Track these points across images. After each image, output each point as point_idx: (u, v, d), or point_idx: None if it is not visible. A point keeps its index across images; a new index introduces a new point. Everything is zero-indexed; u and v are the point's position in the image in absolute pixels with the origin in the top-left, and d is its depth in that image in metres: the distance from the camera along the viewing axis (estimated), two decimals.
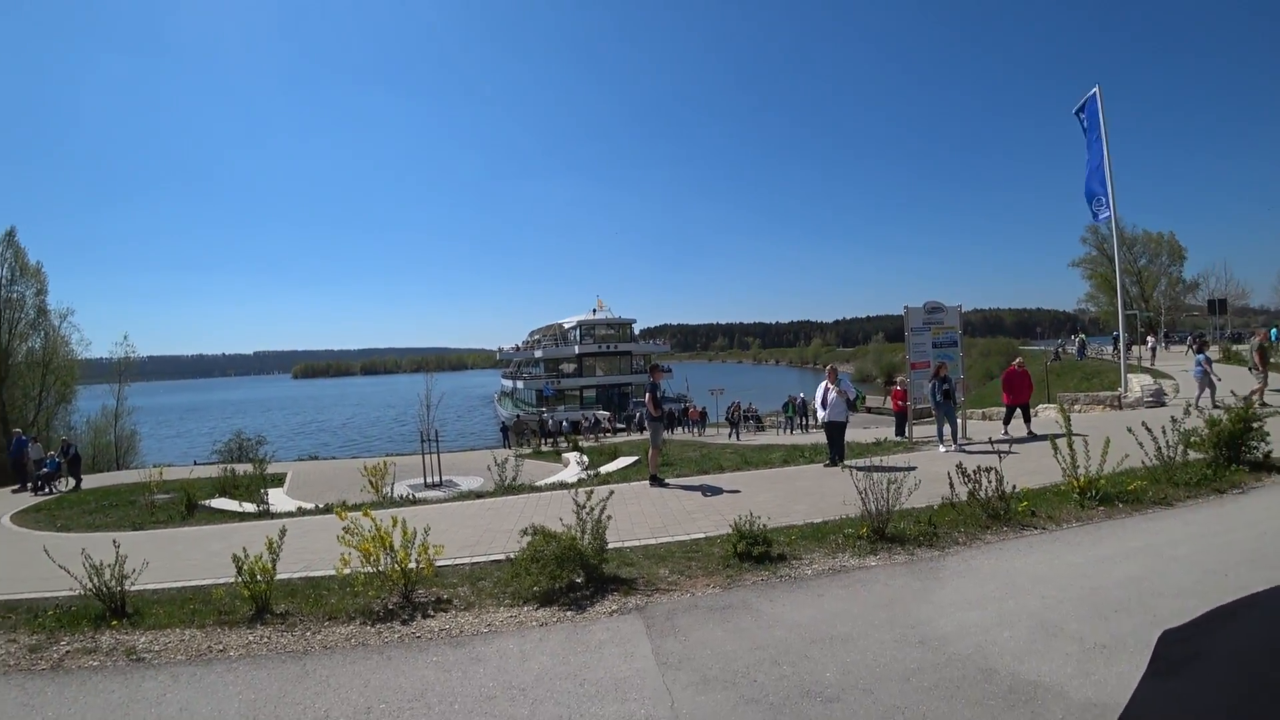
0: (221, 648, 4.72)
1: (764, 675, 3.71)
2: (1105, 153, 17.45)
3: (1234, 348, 29.75)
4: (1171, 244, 53.07)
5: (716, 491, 9.12)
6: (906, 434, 14.18)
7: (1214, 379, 14.54)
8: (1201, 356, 14.80)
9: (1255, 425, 8.13)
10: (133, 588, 5.66)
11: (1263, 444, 8.16)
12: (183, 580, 6.58)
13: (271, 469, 19.28)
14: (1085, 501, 6.92)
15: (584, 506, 5.55)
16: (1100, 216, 18.63)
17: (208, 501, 14.17)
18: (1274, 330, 26.90)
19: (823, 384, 10.80)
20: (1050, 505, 6.91)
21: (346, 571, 5.33)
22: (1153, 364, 26.17)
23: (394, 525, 5.35)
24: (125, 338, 39.07)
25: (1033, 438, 11.95)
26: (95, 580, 5.34)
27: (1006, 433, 12.46)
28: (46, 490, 17.37)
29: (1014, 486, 6.75)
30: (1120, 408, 16.91)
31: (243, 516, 12.07)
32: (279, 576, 6.04)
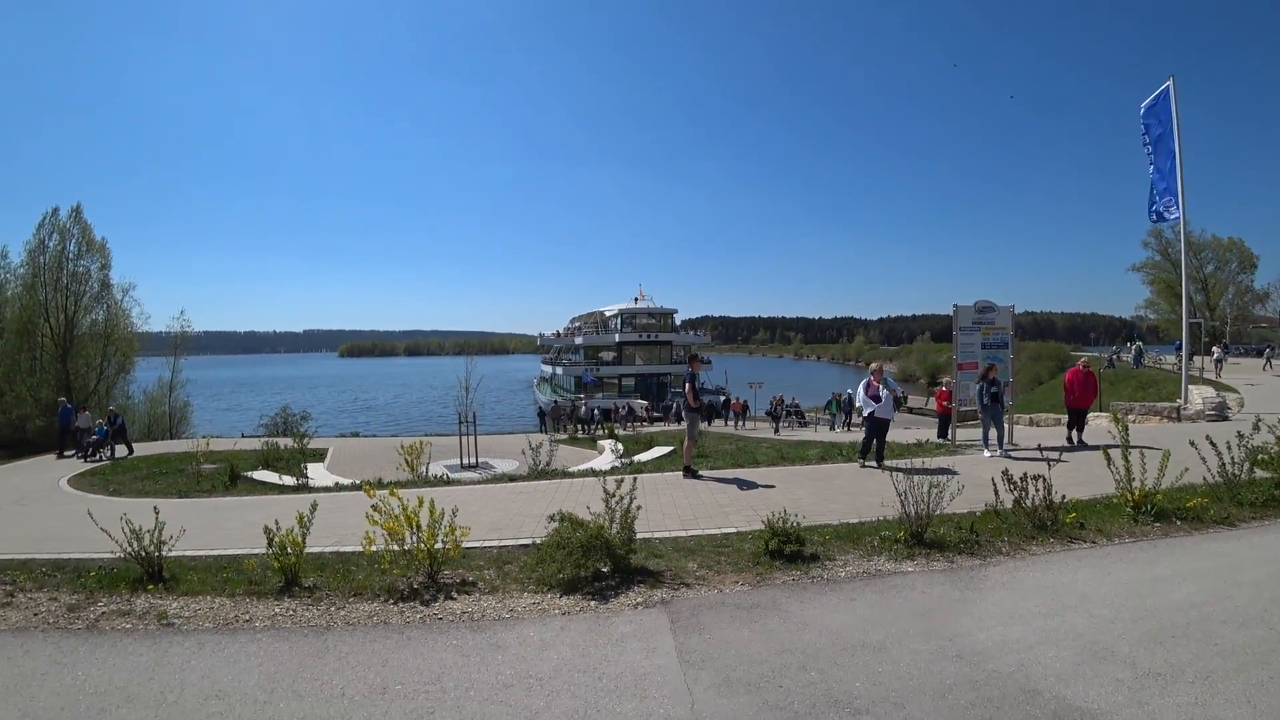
0: (248, 618, 4.77)
1: (790, 681, 3.55)
2: (1178, 150, 16.58)
3: None
4: (1241, 250, 50.52)
5: (750, 486, 8.94)
6: (950, 437, 13.74)
7: None
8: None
9: None
10: (171, 553, 5.79)
11: None
12: (219, 549, 6.73)
13: (314, 444, 19.82)
14: (1139, 516, 6.54)
15: (613, 495, 5.45)
16: (1169, 218, 17.74)
17: (250, 473, 14.60)
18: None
19: (868, 380, 10.48)
20: (1101, 518, 6.56)
21: (372, 549, 5.34)
22: (1218, 376, 24.93)
23: (420, 505, 5.33)
24: (182, 313, 40.38)
25: (1082, 446, 11.44)
26: (135, 545, 5.47)
27: (1071, 439, 11.89)
28: (96, 457, 17.83)
29: (1063, 496, 6.42)
30: (1179, 419, 16.14)
31: (282, 489, 12.38)
32: (310, 550, 6.13)
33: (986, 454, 10.85)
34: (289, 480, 13.42)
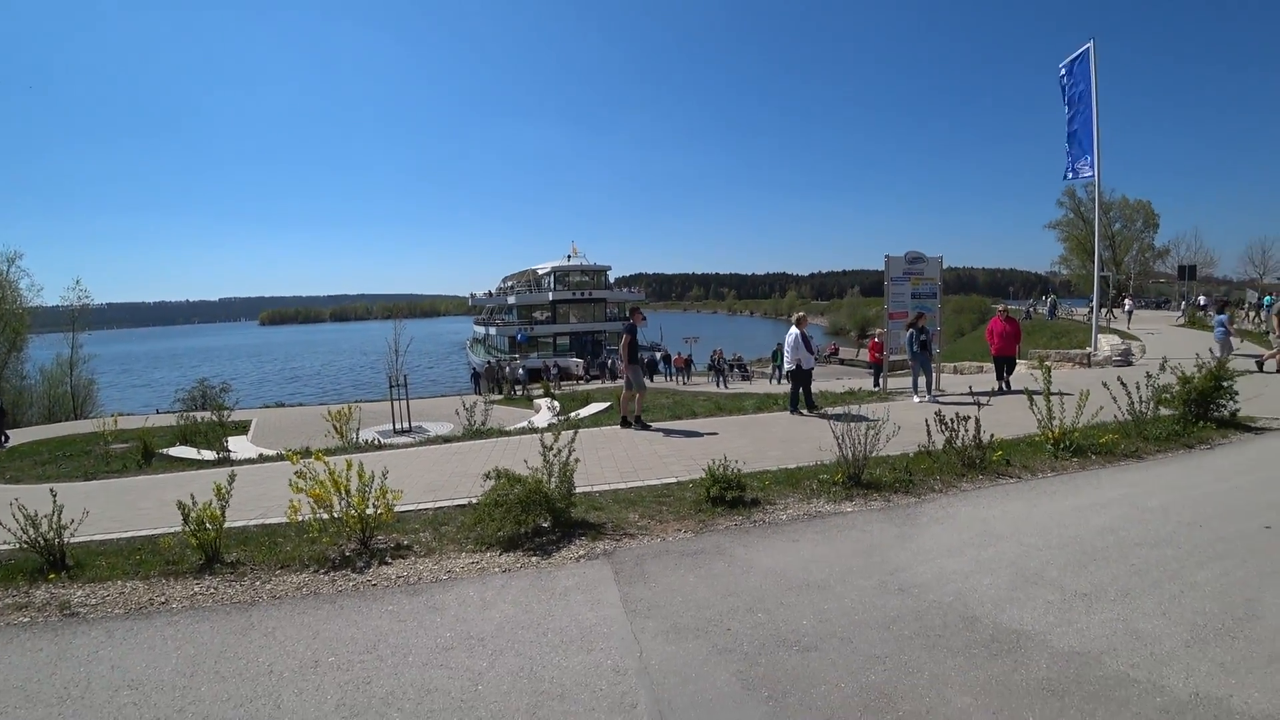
0: (164, 600, 4.44)
1: (738, 623, 3.54)
2: (1095, 112, 17.14)
3: (1198, 314, 30.39)
4: (1146, 211, 53.58)
5: (690, 436, 8.96)
6: (882, 385, 14.14)
7: (1233, 341, 14.47)
8: (1223, 318, 14.64)
9: (1225, 384, 8.16)
10: (76, 539, 5.36)
11: (1230, 402, 8.23)
12: (132, 530, 6.25)
13: (237, 417, 18.85)
14: (1059, 453, 6.89)
15: (551, 448, 5.32)
16: (1082, 177, 18.45)
17: (166, 450, 13.76)
18: (1268, 299, 27.13)
19: (794, 333, 10.62)
20: (1025, 456, 6.87)
21: (299, 519, 5.05)
22: (1127, 326, 26.48)
23: (349, 469, 5.06)
24: (78, 282, 37.09)
25: (1007, 391, 11.94)
26: (31, 532, 5.00)
27: (1001, 386, 12.29)
28: None
29: (991, 436, 6.67)
30: (1090, 365, 17.10)
31: (201, 464, 11.71)
32: (234, 525, 5.80)
33: (916, 400, 11.21)
34: (209, 455, 12.72)
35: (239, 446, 14.40)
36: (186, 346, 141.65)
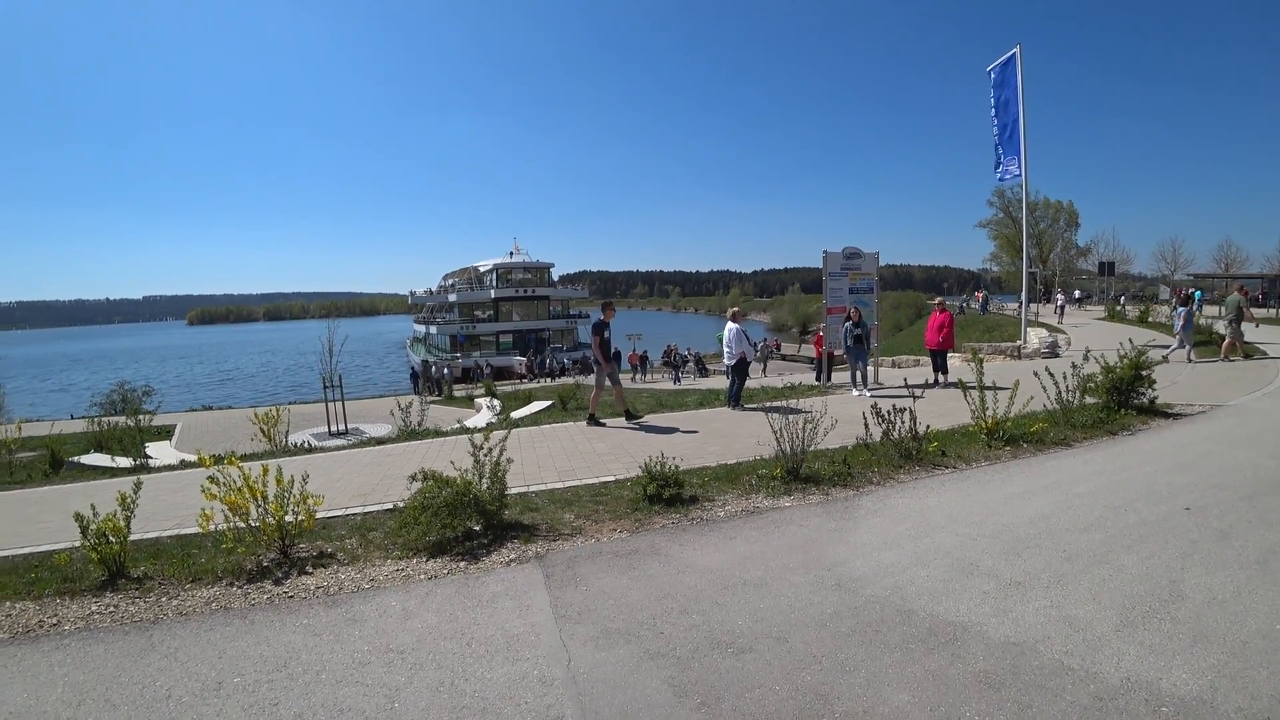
0: (55, 621, 4.03)
1: (671, 626, 3.41)
2: (1021, 115, 17.72)
3: (1117, 308, 31.89)
4: (1069, 211, 56.42)
5: (631, 433, 8.82)
6: (822, 379, 14.31)
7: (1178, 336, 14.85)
8: (1185, 310, 15.05)
9: (1145, 373, 8.50)
10: None
11: (1150, 390, 8.57)
12: (31, 546, 5.72)
13: (161, 421, 17.87)
14: (993, 442, 7.03)
15: (481, 448, 5.09)
16: (1010, 176, 19.07)
17: (78, 458, 12.87)
18: (1198, 293, 28.27)
19: (733, 327, 10.64)
20: (960, 446, 6.97)
21: (211, 527, 4.70)
22: (1060, 321, 27.50)
23: (265, 474, 4.73)
24: None
25: (942, 384, 12.21)
26: None
27: (938, 379, 12.50)
28: None
29: (927, 427, 6.75)
30: (1020, 358, 17.73)
31: (116, 473, 10.97)
32: (146, 535, 5.41)
33: (854, 393, 11.35)
34: (125, 462, 11.94)
35: (161, 453, 13.61)
36: (107, 348, 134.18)
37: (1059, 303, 31.43)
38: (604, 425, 9.61)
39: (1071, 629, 3.20)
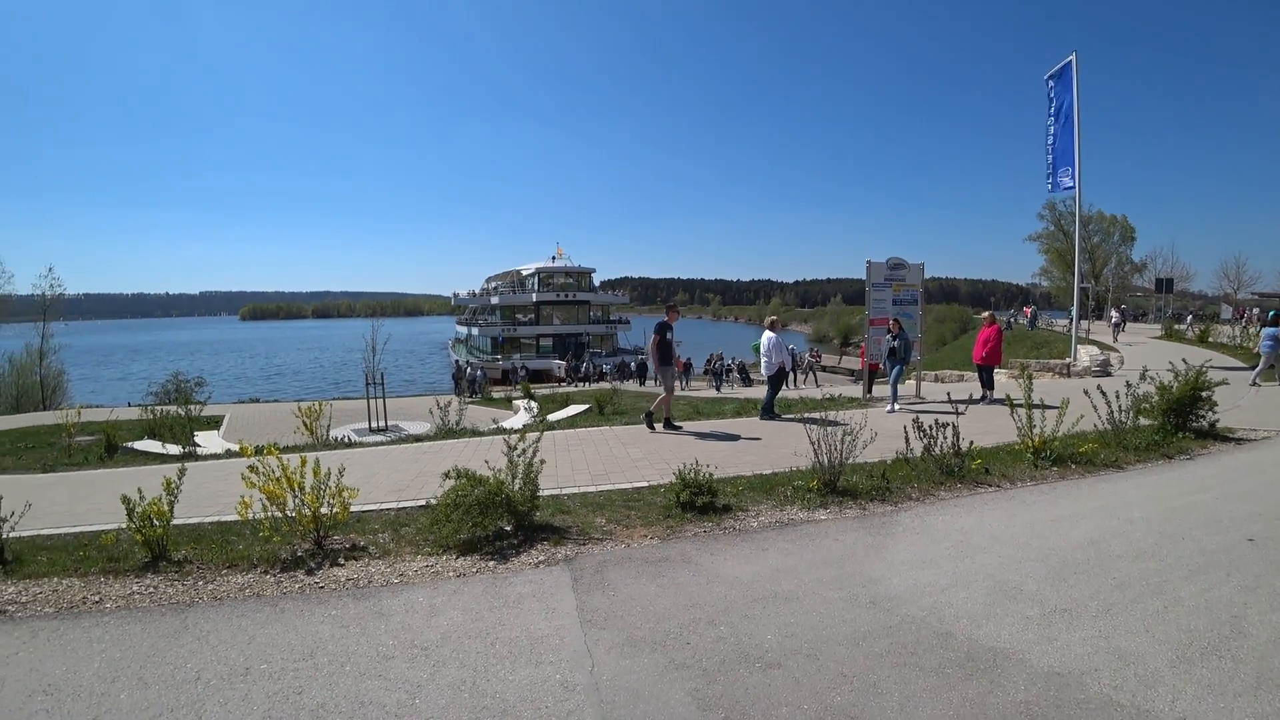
0: (99, 599, 4.17)
1: (698, 637, 3.33)
2: (1076, 124, 17.20)
3: (1175, 327, 30.53)
4: (1124, 225, 54.33)
5: (666, 440, 8.75)
6: (866, 391, 14.02)
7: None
8: (1275, 330, 14.32)
9: (1205, 394, 8.10)
10: (23, 533, 5.16)
11: (1210, 413, 8.17)
12: (83, 526, 5.96)
13: (211, 411, 18.46)
14: (1039, 462, 6.77)
15: (515, 448, 5.09)
16: (1063, 188, 18.51)
17: (132, 444, 13.38)
18: (1272, 312, 26.83)
19: (771, 336, 10.46)
20: (1004, 464, 6.74)
21: (249, 515, 4.80)
22: (1115, 340, 26.42)
23: (303, 465, 4.81)
24: (50, 270, 36.23)
25: (987, 400, 11.84)
26: None
27: (985, 394, 12.01)
28: None
29: (970, 444, 6.53)
30: (1069, 375, 17.16)
31: (165, 459, 11.37)
32: (189, 521, 5.57)
33: (887, 408, 11.02)
34: (174, 450, 12.37)
35: (209, 442, 14.05)
36: (166, 340, 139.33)
37: (1114, 320, 30.02)
38: (679, 429, 9.43)
39: (1121, 662, 3.03)
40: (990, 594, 3.78)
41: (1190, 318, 37.38)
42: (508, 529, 4.96)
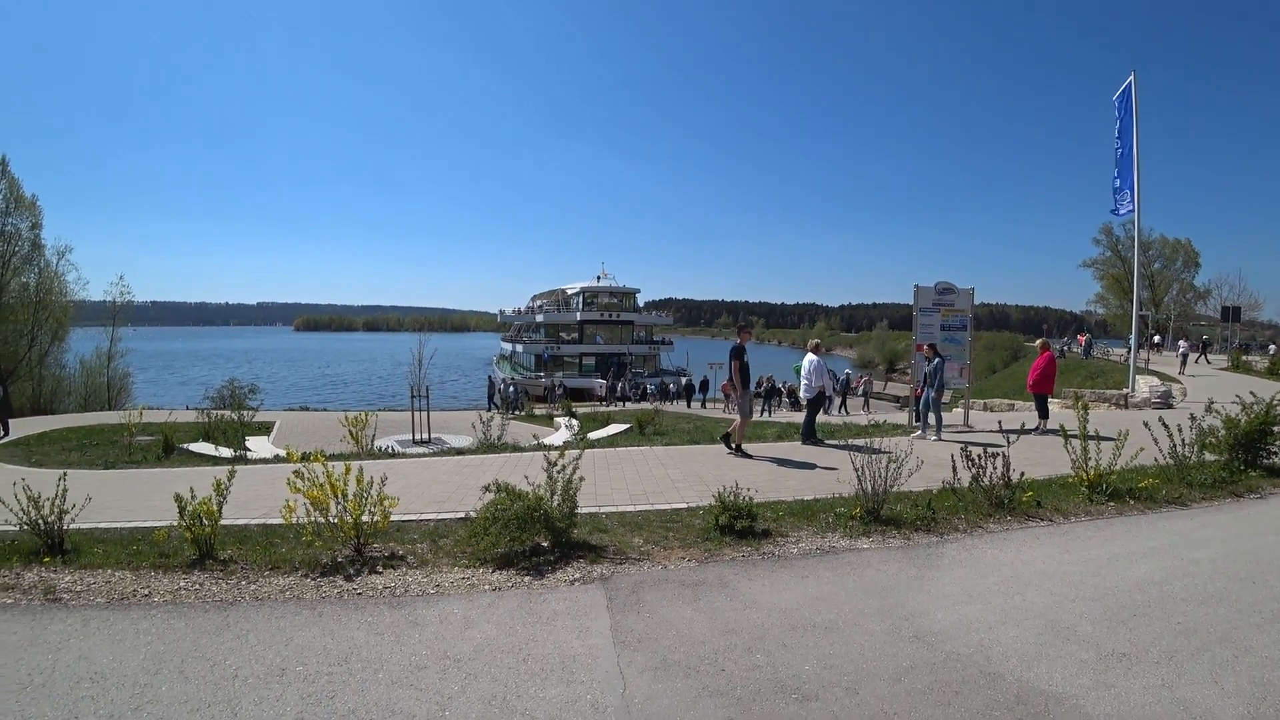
0: (147, 592, 4.33)
1: (733, 664, 3.25)
2: (1135, 146, 16.68)
3: (1243, 358, 29.05)
4: (1187, 250, 52.09)
5: (708, 462, 8.67)
6: (912, 418, 13.67)
7: None
8: None
9: (1277, 429, 7.66)
10: (82, 525, 5.39)
11: None
12: (137, 521, 6.25)
13: (262, 418, 19.05)
14: (1095, 496, 6.47)
15: (555, 465, 5.09)
16: (1122, 212, 17.91)
17: (188, 445, 13.91)
18: None
19: (813, 359, 10.27)
20: (1057, 497, 6.46)
21: (293, 519, 4.91)
22: (1181, 371, 25.21)
23: (346, 473, 4.90)
24: (121, 278, 38.26)
25: (1040, 430, 11.41)
26: (33, 513, 4.97)
27: (1039, 425, 11.51)
28: None
29: (1021, 475, 6.29)
30: (1127, 406, 16.45)
31: (217, 461, 11.77)
32: (235, 522, 5.74)
33: (925, 437, 10.64)
34: (226, 452, 12.81)
35: (259, 446, 14.49)
36: (225, 347, 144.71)
37: (1181, 350, 28.48)
38: (750, 457, 9.15)
39: (1187, 715, 2.84)
40: (1042, 633, 3.60)
41: (1274, 347, 35.12)
42: (545, 545, 4.95)
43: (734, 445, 9.38)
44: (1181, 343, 30.06)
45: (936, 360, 10.87)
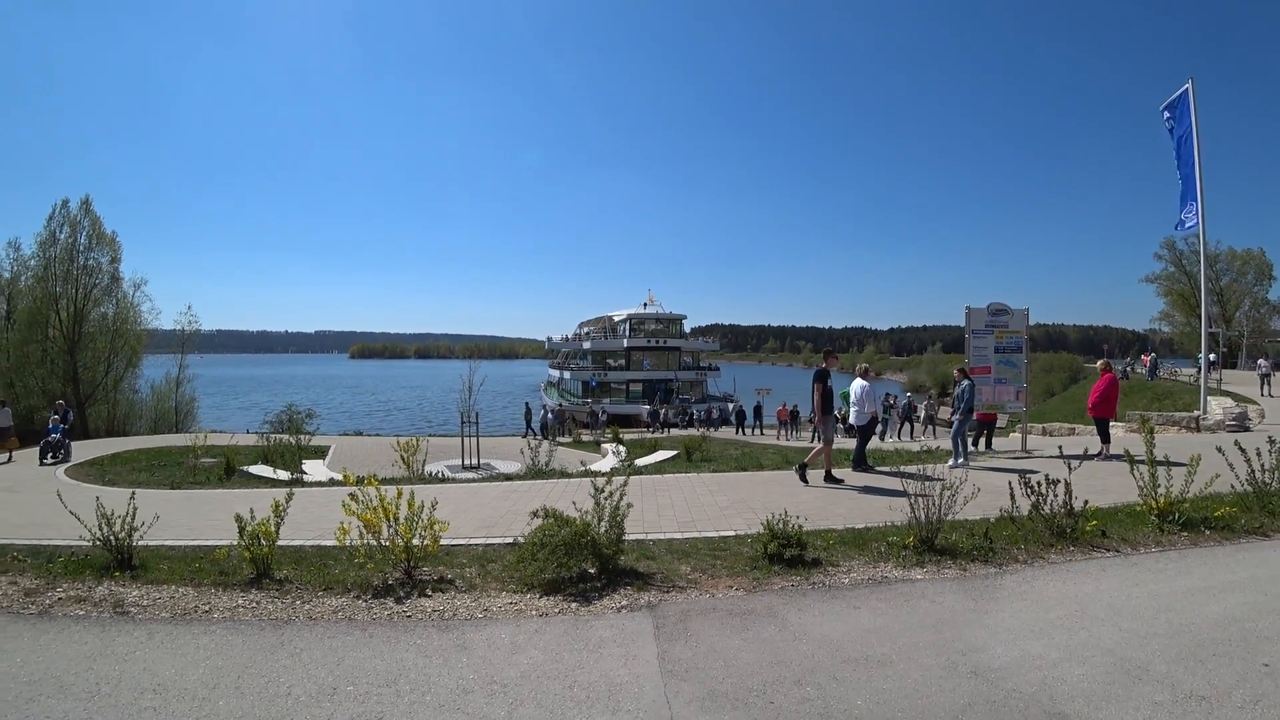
0: (208, 608, 4.53)
1: (783, 696, 3.17)
2: (1197, 157, 16.07)
3: None
4: (1259, 261, 49.38)
5: (753, 490, 8.56)
6: (967, 444, 13.25)
7: None
8: None
9: None
10: (149, 542, 5.67)
11: None
12: (200, 539, 6.56)
13: (318, 442, 19.69)
14: (1165, 525, 6.13)
15: (602, 491, 5.10)
16: (1187, 225, 17.20)
17: (248, 467, 14.47)
18: None
19: (863, 384, 10.04)
20: (1124, 527, 6.15)
21: (347, 541, 5.04)
22: (1263, 392, 23.74)
23: (399, 497, 5.01)
24: (189, 308, 40.43)
25: (1102, 455, 10.93)
26: (104, 530, 5.28)
27: (1102, 451, 10.99)
28: (52, 458, 15.63)
29: (1084, 503, 6.02)
30: (1198, 429, 15.61)
31: (275, 483, 12.18)
32: (291, 543, 5.92)
33: (957, 464, 10.05)
34: (283, 475, 13.25)
35: (315, 470, 14.96)
36: (285, 373, 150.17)
37: (1263, 369, 26.64)
38: (840, 482, 8.95)
39: None
40: (1110, 672, 3.41)
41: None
42: (592, 571, 4.95)
43: (812, 469, 9.11)
44: (1262, 362, 28.08)
45: (965, 383, 10.52)
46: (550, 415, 32.88)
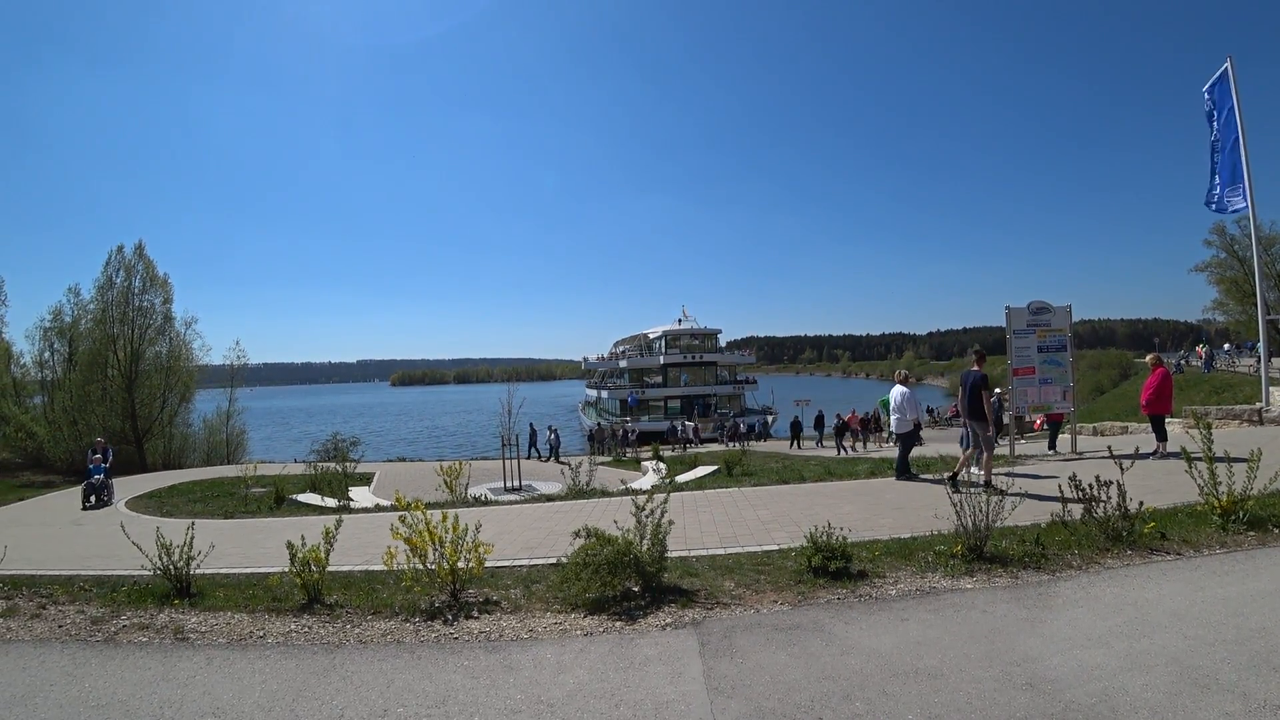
0: (262, 634, 4.68)
1: (831, 712, 3.13)
2: (1242, 138, 15.51)
3: None
4: None
5: (795, 502, 8.47)
6: (1010, 450, 12.93)
7: None
8: None
9: None
10: (205, 570, 5.88)
11: None
12: (253, 567, 6.80)
13: (362, 469, 20.14)
14: (1230, 525, 5.86)
15: (643, 509, 5.12)
16: (1233, 210, 16.56)
17: (297, 496, 14.85)
18: None
19: (903, 390, 9.87)
20: (1185, 528, 5.90)
21: (395, 565, 5.15)
22: None
23: (444, 520, 5.11)
24: (237, 343, 41.94)
25: (1157, 454, 10.53)
26: (164, 560, 5.50)
27: (1157, 450, 10.44)
28: (93, 502, 14.75)
29: (1140, 505, 5.80)
30: (1261, 422, 14.92)
31: (323, 510, 12.47)
32: (340, 568, 6.07)
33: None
34: (331, 502, 13.57)
35: (360, 496, 15.27)
36: (331, 403, 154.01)
37: None
38: (1003, 493, 8.36)
39: None
40: (1175, 681, 3.28)
41: None
42: (635, 589, 4.96)
43: (983, 481, 7.93)
44: None
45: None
46: (556, 435, 32.86)
